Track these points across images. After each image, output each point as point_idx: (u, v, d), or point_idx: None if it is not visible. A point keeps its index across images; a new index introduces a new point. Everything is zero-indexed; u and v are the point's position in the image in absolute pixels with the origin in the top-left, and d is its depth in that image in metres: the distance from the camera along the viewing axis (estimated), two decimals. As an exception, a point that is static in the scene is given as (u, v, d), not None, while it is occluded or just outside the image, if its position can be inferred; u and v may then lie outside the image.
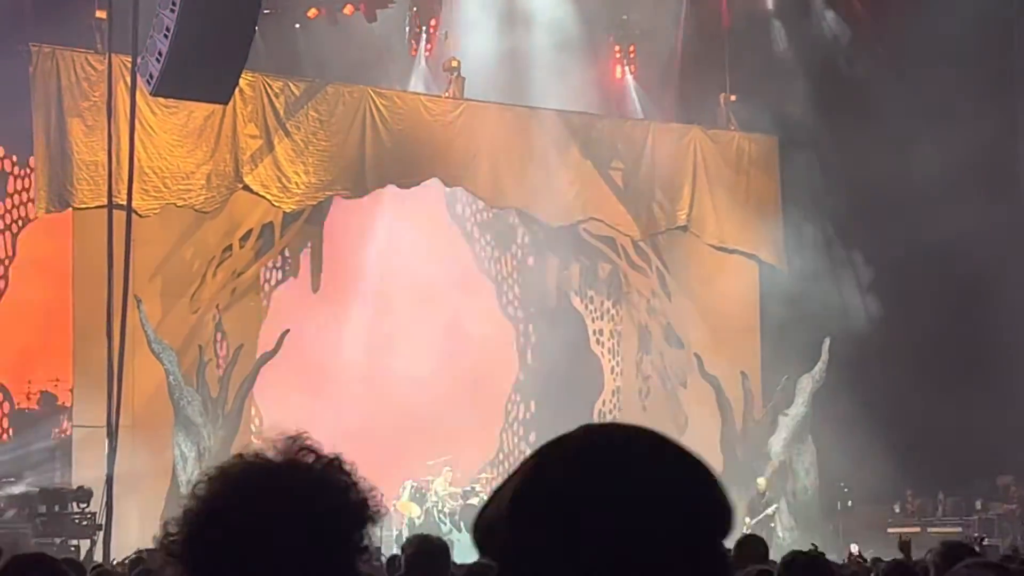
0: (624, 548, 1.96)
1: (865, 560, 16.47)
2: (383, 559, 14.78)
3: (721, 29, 32.79)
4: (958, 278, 30.21)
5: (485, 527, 2.08)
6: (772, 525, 29.73)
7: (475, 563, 8.36)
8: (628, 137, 33.03)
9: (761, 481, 30.31)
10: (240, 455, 2.68)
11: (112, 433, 24.11)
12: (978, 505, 30.95)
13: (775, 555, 18.86)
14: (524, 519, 2.01)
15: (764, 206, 33.67)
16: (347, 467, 2.71)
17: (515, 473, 2.09)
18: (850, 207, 30.94)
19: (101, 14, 26.43)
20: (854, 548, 24.97)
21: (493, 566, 2.04)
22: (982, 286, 30.11)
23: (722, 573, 2.05)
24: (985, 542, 27.75)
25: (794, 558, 7.13)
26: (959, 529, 29.82)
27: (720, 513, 2.07)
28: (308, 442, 2.70)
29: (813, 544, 12.06)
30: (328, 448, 2.76)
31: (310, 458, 2.67)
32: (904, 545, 12.00)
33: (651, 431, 2.11)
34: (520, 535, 2.01)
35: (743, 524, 29.36)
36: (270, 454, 2.66)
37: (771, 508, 29.85)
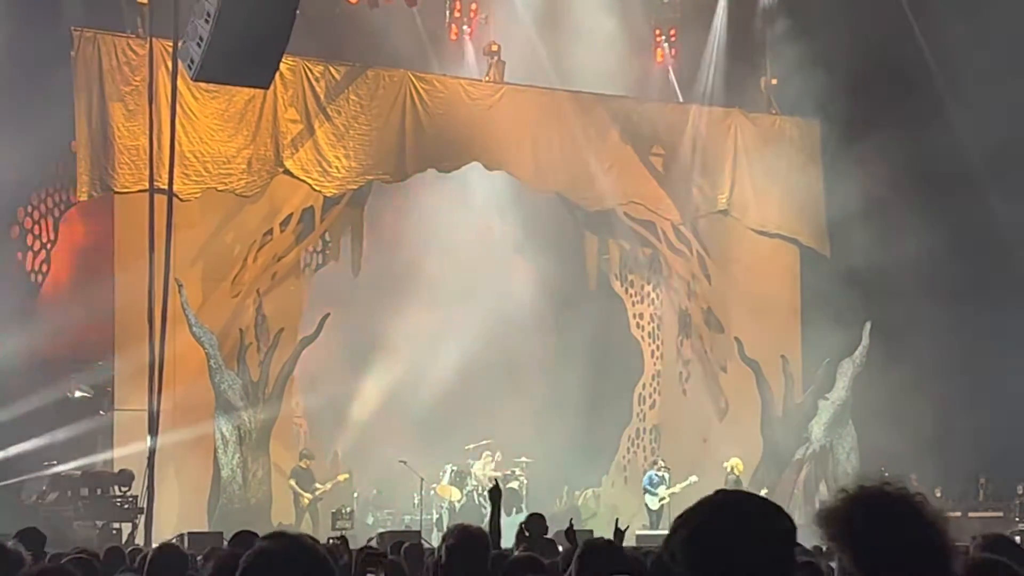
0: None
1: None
2: (429, 544, 14.79)
3: (761, 12, 32.66)
4: (1000, 262, 30.01)
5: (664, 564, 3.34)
6: None
7: (522, 555, 8.33)
8: (668, 121, 32.95)
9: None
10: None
11: (153, 417, 24.25)
12: (1019, 489, 30.77)
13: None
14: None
15: (805, 190, 33.53)
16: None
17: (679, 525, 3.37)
18: (893, 191, 30.75)
19: (143, -1, 26.58)
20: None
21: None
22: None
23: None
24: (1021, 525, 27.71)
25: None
26: (1000, 514, 29.69)
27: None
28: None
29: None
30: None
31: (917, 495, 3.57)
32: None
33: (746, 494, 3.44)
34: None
35: None
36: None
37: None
